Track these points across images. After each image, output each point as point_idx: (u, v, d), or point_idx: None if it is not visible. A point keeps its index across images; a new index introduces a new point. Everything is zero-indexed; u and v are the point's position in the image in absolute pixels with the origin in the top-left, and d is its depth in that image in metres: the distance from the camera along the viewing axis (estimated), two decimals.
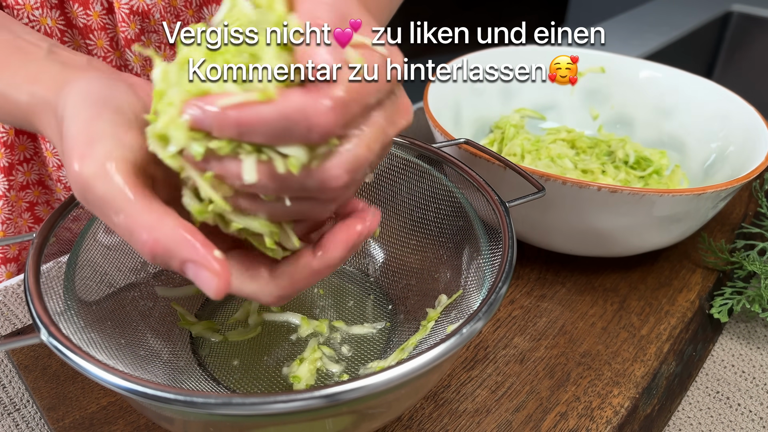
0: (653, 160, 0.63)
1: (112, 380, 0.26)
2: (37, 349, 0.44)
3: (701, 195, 0.45)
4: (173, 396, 0.25)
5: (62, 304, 0.34)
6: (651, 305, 0.51)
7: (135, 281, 0.42)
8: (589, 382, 0.44)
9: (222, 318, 0.45)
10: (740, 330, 0.51)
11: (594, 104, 0.70)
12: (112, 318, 0.38)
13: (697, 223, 0.50)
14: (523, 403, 0.42)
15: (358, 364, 0.41)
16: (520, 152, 0.62)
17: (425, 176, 0.45)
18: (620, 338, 0.47)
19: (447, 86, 0.61)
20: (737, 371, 0.47)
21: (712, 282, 0.54)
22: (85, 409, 0.40)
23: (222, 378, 0.40)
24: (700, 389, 0.46)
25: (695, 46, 1.36)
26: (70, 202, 0.37)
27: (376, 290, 0.48)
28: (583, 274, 0.54)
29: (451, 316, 0.39)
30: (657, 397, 0.43)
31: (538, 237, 0.51)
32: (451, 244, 0.44)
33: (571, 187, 0.45)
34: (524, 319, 0.49)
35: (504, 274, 0.33)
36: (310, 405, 0.25)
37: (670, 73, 0.66)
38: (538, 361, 0.45)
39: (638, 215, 0.46)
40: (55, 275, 0.35)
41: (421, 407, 0.41)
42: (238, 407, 0.25)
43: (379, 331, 0.44)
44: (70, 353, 0.27)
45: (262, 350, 0.42)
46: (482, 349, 0.46)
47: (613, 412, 0.42)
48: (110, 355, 0.34)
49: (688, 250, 0.57)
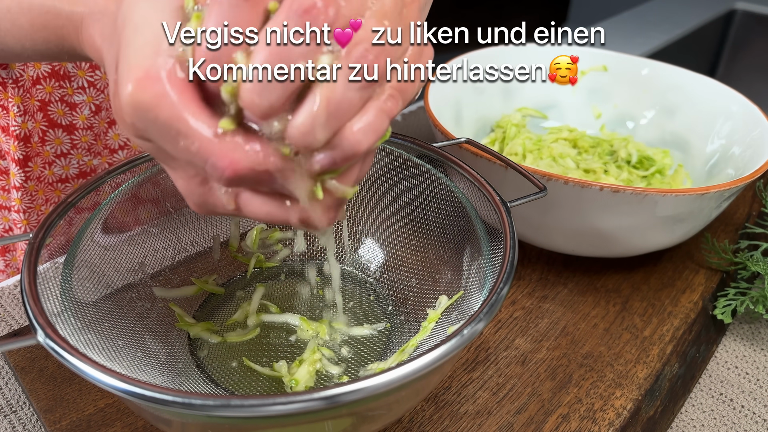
0: (656, 160, 0.63)
1: (110, 382, 0.26)
2: (33, 350, 0.44)
3: (704, 195, 0.45)
4: (171, 398, 0.25)
5: (59, 305, 0.34)
6: (654, 306, 0.51)
7: (132, 282, 0.42)
8: (591, 384, 0.44)
9: (220, 319, 0.45)
10: (744, 331, 0.51)
11: (596, 103, 0.70)
12: (110, 319, 0.38)
13: (700, 224, 0.50)
14: (525, 405, 0.42)
15: (357, 365, 0.41)
16: (521, 152, 0.62)
17: (426, 176, 0.45)
18: (623, 339, 0.47)
19: (448, 85, 0.61)
20: (741, 373, 0.47)
21: (716, 283, 0.54)
22: (82, 411, 0.40)
23: (220, 380, 0.40)
24: (704, 391, 0.46)
25: (698, 44, 1.36)
26: (67, 203, 0.37)
27: (376, 291, 0.48)
28: (585, 275, 0.54)
29: (451, 317, 0.39)
30: (660, 399, 0.43)
31: (539, 237, 0.51)
32: (451, 245, 0.44)
33: (573, 187, 0.45)
34: (526, 320, 0.49)
35: (505, 274, 0.33)
36: (309, 407, 0.25)
37: (673, 71, 0.66)
38: (540, 362, 0.45)
39: (641, 215, 0.46)
40: (52, 276, 0.35)
41: (421, 409, 0.41)
42: (236, 409, 0.25)
43: (379, 332, 0.44)
44: (67, 355, 0.27)
45: (261, 352, 0.42)
46: (483, 350, 0.46)
47: (616, 414, 0.41)
48: (107, 357, 0.34)
49: (692, 250, 0.57)
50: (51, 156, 0.57)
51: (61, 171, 0.59)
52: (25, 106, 0.54)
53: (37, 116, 0.55)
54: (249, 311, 0.45)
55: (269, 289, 0.48)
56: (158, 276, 0.44)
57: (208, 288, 0.46)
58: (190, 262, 0.47)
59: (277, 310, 0.45)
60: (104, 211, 0.40)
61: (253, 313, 0.45)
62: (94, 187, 0.39)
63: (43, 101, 0.55)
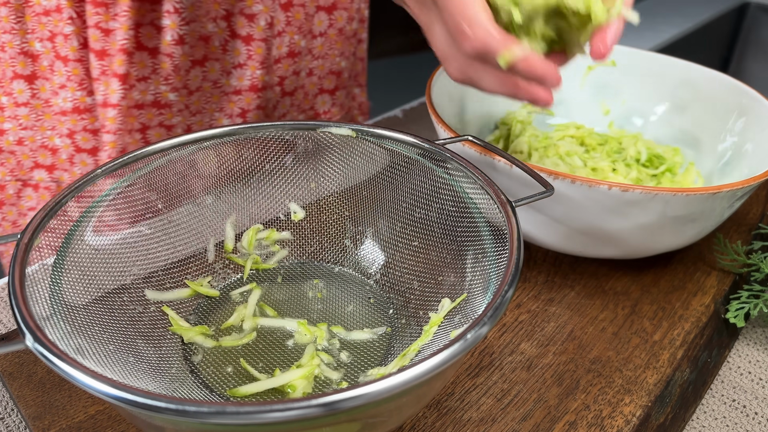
0: (666, 158, 0.63)
1: (101, 388, 0.26)
2: (22, 355, 0.44)
3: (716, 194, 0.45)
4: (164, 404, 0.25)
5: (48, 309, 0.34)
6: (664, 309, 0.51)
7: (124, 284, 0.42)
8: (599, 390, 0.44)
9: (215, 323, 0.45)
10: (757, 335, 0.51)
11: (605, 99, 0.70)
12: (101, 323, 0.38)
13: (712, 224, 0.50)
14: (530, 412, 0.42)
15: (357, 371, 0.41)
16: (527, 149, 0.62)
17: (428, 175, 0.45)
18: (632, 344, 0.47)
19: (451, 81, 0.61)
20: (754, 378, 0.47)
21: (728, 285, 0.54)
22: (72, 418, 0.40)
23: (215, 385, 0.40)
24: (715, 397, 0.46)
25: (710, 38, 1.36)
26: (56, 202, 0.37)
27: (377, 294, 0.48)
28: (593, 277, 0.54)
29: (454, 320, 0.39)
30: (670, 405, 0.43)
31: (545, 238, 0.51)
32: (454, 246, 0.44)
33: (580, 186, 0.45)
34: (531, 324, 0.49)
35: (510, 277, 0.33)
36: (307, 414, 0.25)
37: (684, 66, 0.66)
38: (546, 367, 0.45)
39: (650, 215, 0.46)
40: (41, 278, 0.35)
41: (423, 416, 0.41)
42: (231, 416, 0.25)
43: (379, 336, 0.44)
44: (56, 360, 0.27)
45: (258, 357, 0.42)
46: (487, 355, 0.46)
47: (625, 422, 0.41)
48: (98, 362, 0.34)
49: (703, 251, 0.57)
50: (134, 79, 0.62)
51: (139, 96, 0.63)
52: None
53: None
54: (245, 315, 0.45)
55: (266, 292, 0.48)
56: (151, 278, 0.44)
57: (202, 291, 0.46)
58: (183, 263, 0.47)
59: (275, 313, 0.45)
60: (95, 211, 0.40)
61: (250, 316, 0.45)
62: (85, 186, 0.39)
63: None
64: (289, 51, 0.69)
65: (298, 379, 0.39)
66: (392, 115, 0.80)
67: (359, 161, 0.48)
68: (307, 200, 0.51)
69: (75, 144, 0.65)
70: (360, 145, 0.47)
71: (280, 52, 0.68)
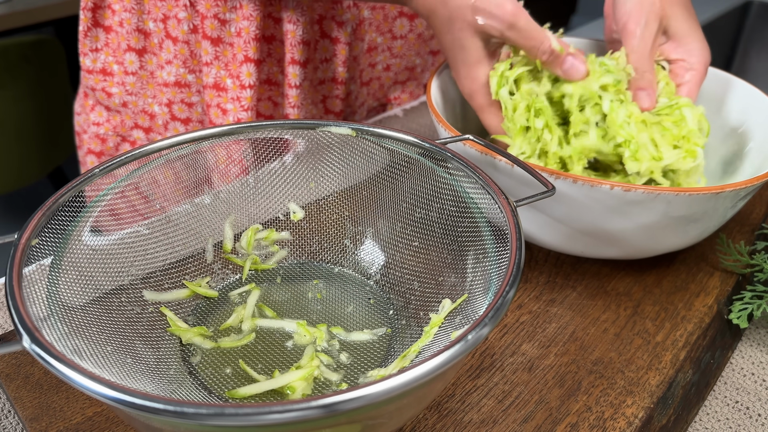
0: None
1: (98, 389, 0.26)
2: (18, 356, 0.44)
3: (719, 194, 0.45)
4: (162, 406, 0.25)
5: (45, 309, 0.34)
6: (666, 310, 0.51)
7: (122, 285, 0.42)
8: (601, 392, 0.44)
9: (214, 324, 0.45)
10: (761, 336, 0.51)
11: None
12: (98, 324, 0.38)
13: (715, 224, 0.50)
14: (532, 414, 0.42)
15: (357, 372, 0.41)
16: None
17: (428, 174, 0.45)
18: (634, 345, 0.47)
19: (451, 80, 0.61)
20: (758, 380, 0.47)
21: (731, 286, 0.54)
22: (69, 420, 0.40)
23: (214, 387, 0.40)
24: (718, 399, 0.46)
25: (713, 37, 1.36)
26: (53, 201, 0.37)
27: (377, 294, 0.48)
28: (595, 278, 0.54)
29: (455, 321, 0.39)
30: (673, 407, 0.43)
31: (547, 238, 0.51)
32: (455, 246, 0.44)
33: (582, 186, 0.45)
34: (533, 324, 0.49)
35: (511, 277, 0.33)
36: (306, 415, 0.25)
37: None
38: (548, 369, 0.45)
39: (653, 215, 0.46)
40: (38, 279, 0.35)
41: (424, 418, 0.41)
42: (230, 418, 0.25)
43: (379, 337, 0.44)
44: (53, 361, 0.27)
45: (257, 358, 0.42)
46: (488, 356, 0.46)
47: (627, 423, 0.41)
48: (96, 363, 0.34)
49: (706, 252, 0.57)
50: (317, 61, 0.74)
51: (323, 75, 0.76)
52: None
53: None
54: (244, 315, 0.45)
55: (265, 293, 0.48)
56: (149, 279, 0.44)
57: (201, 291, 0.46)
58: (182, 264, 0.47)
59: (274, 314, 0.45)
60: (93, 211, 0.40)
61: (248, 317, 0.45)
62: (83, 185, 0.39)
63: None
64: (368, 47, 0.77)
65: (298, 381, 0.39)
66: (392, 114, 0.81)
67: (359, 161, 0.48)
68: (307, 200, 0.51)
69: (171, 113, 0.76)
70: (360, 144, 0.47)
71: (360, 50, 0.76)
